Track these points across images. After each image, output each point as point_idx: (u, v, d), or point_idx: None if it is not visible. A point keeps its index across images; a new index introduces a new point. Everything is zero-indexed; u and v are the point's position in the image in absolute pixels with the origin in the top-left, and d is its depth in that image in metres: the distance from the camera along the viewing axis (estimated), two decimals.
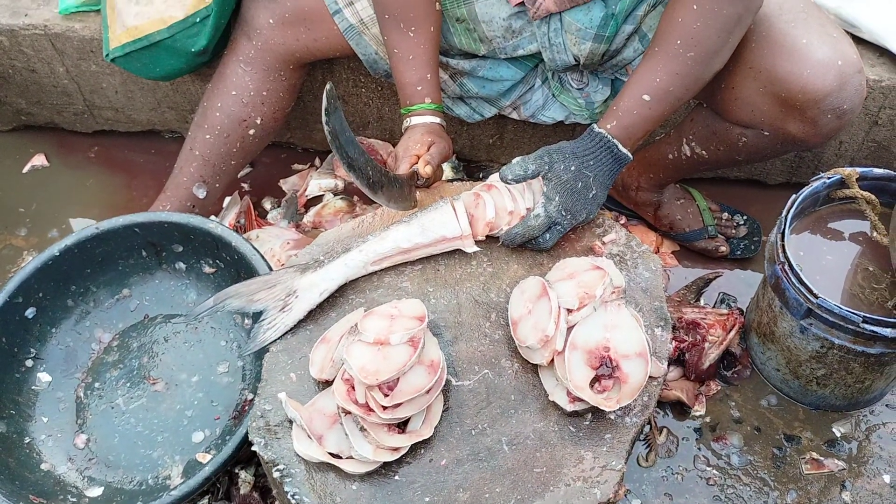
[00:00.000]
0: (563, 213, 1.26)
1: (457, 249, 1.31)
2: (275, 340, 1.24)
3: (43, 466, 1.42)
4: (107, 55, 1.66)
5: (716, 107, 1.51)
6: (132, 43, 1.61)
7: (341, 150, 1.17)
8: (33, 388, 1.49)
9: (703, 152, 1.61)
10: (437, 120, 1.44)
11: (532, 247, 1.30)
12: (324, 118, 1.12)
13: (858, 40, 1.70)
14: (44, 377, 1.51)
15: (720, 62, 1.32)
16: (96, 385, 1.52)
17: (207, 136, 1.66)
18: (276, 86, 1.64)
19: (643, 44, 1.48)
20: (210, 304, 1.24)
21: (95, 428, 1.48)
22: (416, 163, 1.35)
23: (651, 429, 1.57)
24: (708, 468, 1.54)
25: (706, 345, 1.60)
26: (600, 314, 1.17)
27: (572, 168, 1.27)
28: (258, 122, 1.66)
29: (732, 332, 1.62)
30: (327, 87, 1.11)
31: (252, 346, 1.24)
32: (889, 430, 1.58)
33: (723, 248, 1.82)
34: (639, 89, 1.30)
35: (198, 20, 1.57)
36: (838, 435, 1.58)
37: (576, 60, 1.51)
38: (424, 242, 1.28)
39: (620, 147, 1.30)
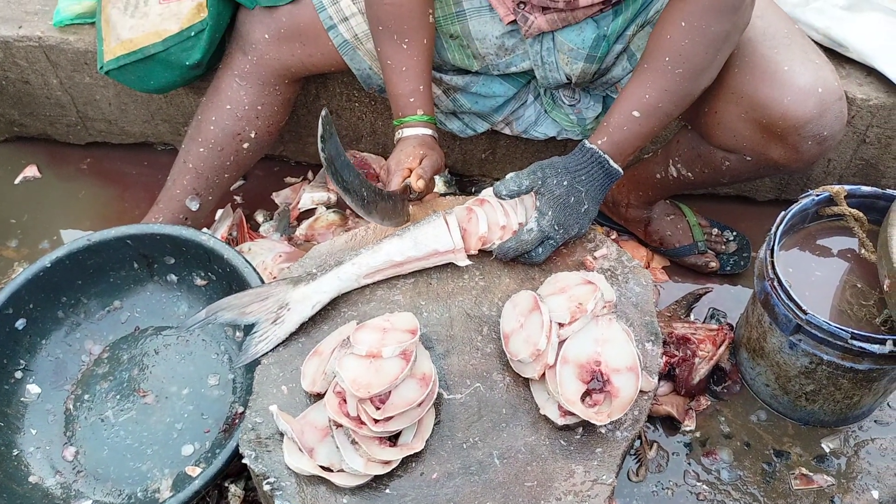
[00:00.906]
0: (556, 228, 1.27)
1: (449, 263, 1.32)
2: (267, 353, 1.24)
3: (31, 479, 1.41)
4: (101, 68, 1.66)
5: (700, 130, 1.53)
6: (126, 56, 1.62)
7: (336, 175, 1.18)
8: (22, 399, 1.49)
9: (689, 174, 1.63)
10: (430, 132, 1.44)
11: (525, 261, 1.30)
12: (319, 145, 1.13)
13: (847, 60, 1.73)
14: (33, 389, 1.50)
15: (708, 79, 1.34)
16: (86, 397, 1.52)
17: (201, 150, 1.66)
18: (271, 100, 1.65)
19: (631, 62, 1.50)
20: (202, 316, 1.24)
21: (84, 440, 1.47)
22: (409, 176, 1.36)
23: (641, 443, 1.57)
24: (698, 483, 1.54)
25: (696, 360, 1.61)
26: (591, 328, 1.18)
27: (564, 183, 1.28)
28: (252, 135, 1.67)
29: (722, 348, 1.63)
30: (323, 113, 1.12)
31: (244, 359, 1.24)
32: (877, 446, 1.59)
33: (712, 264, 1.83)
34: (629, 106, 1.32)
35: (192, 34, 1.57)
36: (827, 450, 1.58)
37: (567, 79, 1.52)
38: (417, 256, 1.29)
39: (611, 162, 1.31)
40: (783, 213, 1.48)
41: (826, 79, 1.36)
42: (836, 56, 1.74)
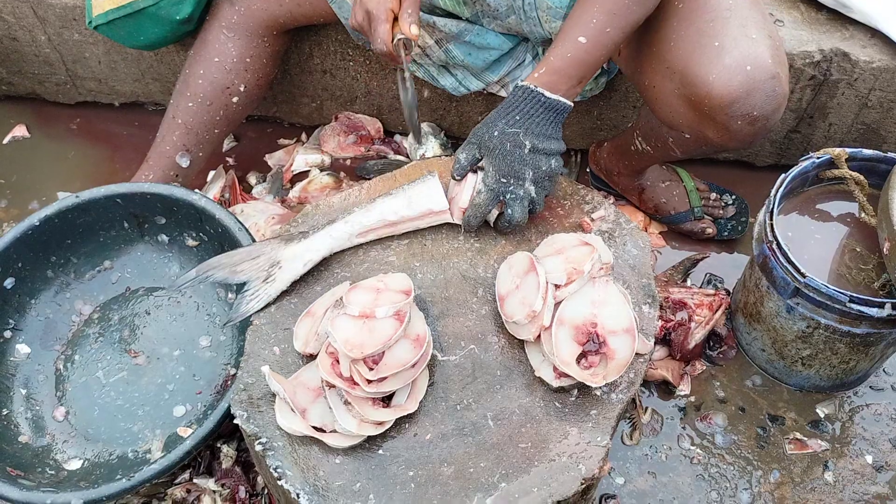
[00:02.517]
0: (504, 180, 1.21)
1: (444, 224, 1.30)
2: (258, 311, 1.22)
3: (21, 439, 1.40)
4: (90, 23, 1.62)
5: (647, 104, 1.49)
6: (116, 10, 1.58)
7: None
8: (11, 359, 1.47)
9: (648, 147, 1.60)
10: None
11: (504, 227, 1.26)
12: None
13: (850, 21, 1.70)
14: (22, 349, 1.48)
15: (653, 4, 1.27)
16: (76, 357, 1.50)
17: (190, 104, 1.63)
18: (260, 52, 1.61)
19: None
20: (192, 275, 1.23)
21: (75, 401, 1.46)
22: (393, 20, 1.31)
23: (636, 407, 1.57)
24: (692, 447, 1.54)
25: (692, 325, 1.60)
26: (588, 290, 1.16)
27: (495, 133, 1.22)
28: (241, 89, 1.64)
29: (718, 313, 1.62)
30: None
31: (235, 317, 1.22)
32: (872, 412, 1.59)
33: (709, 231, 1.81)
34: (574, 32, 1.24)
35: None
36: (822, 416, 1.58)
37: (549, 36, 1.49)
38: (411, 215, 1.26)
39: (547, 94, 1.22)
40: (783, 175, 1.46)
41: (758, 56, 1.26)
42: (840, 17, 1.71)
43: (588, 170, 1.92)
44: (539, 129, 1.22)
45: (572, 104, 1.25)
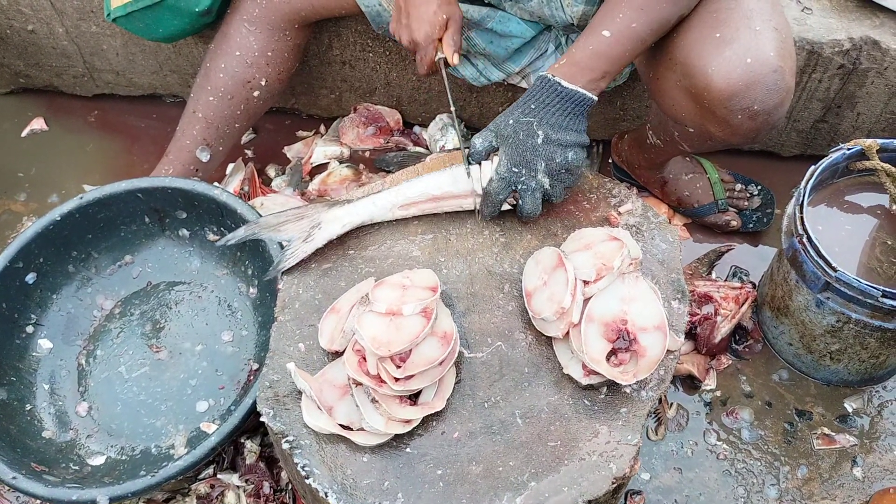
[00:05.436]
0: (516, 170, 1.20)
1: (468, 218, 1.28)
2: (290, 268, 1.25)
3: (44, 434, 1.40)
4: (108, 15, 1.61)
5: (652, 97, 1.46)
6: (134, 2, 1.56)
7: None
8: (34, 354, 1.47)
9: (658, 141, 1.57)
10: None
11: (521, 217, 1.25)
12: None
13: (881, 8, 1.66)
14: (45, 344, 1.48)
15: (687, 3, 1.25)
16: (98, 352, 1.50)
17: (211, 98, 1.62)
18: (282, 46, 1.60)
19: None
20: (241, 232, 1.28)
21: (97, 396, 1.46)
22: (438, 47, 1.34)
23: (660, 402, 1.55)
24: (718, 442, 1.52)
25: (718, 318, 1.58)
26: (617, 286, 1.14)
27: (510, 122, 1.20)
28: (263, 83, 1.63)
29: (745, 306, 1.60)
30: None
31: (272, 272, 1.25)
32: None
33: (734, 223, 1.78)
34: (600, 26, 1.22)
35: None
36: (850, 410, 1.56)
37: (572, 21, 1.47)
38: (455, 192, 1.25)
39: (564, 83, 1.20)
40: (813, 167, 1.43)
41: (760, 48, 1.21)
42: (870, 4, 1.67)
43: (610, 161, 1.90)
44: (554, 119, 1.20)
45: (595, 98, 1.22)
